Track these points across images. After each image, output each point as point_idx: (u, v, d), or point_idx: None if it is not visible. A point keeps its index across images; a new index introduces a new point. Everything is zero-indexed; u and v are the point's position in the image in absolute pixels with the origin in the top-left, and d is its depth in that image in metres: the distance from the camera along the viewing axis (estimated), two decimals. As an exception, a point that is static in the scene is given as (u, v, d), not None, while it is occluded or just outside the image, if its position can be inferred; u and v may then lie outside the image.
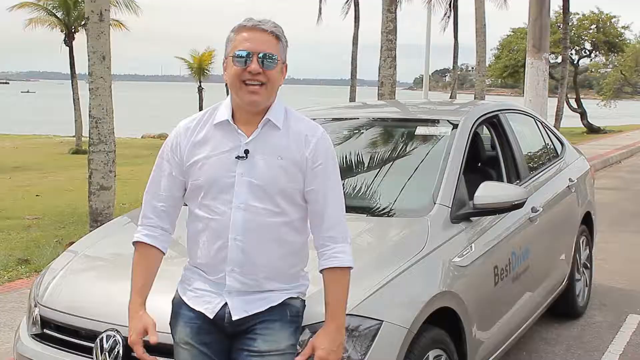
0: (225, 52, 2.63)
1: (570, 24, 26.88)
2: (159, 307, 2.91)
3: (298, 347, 2.69)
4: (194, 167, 2.65)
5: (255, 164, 2.60)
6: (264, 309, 2.64)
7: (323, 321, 2.66)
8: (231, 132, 2.63)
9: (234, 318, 2.62)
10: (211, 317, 2.64)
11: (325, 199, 2.64)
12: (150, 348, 2.94)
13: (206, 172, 2.62)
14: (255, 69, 2.53)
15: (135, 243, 2.75)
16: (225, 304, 2.63)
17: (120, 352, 2.94)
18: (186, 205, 2.76)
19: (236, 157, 2.60)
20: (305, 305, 2.76)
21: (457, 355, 3.50)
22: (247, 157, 2.60)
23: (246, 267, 2.61)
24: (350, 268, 2.64)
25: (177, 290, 2.79)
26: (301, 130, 2.65)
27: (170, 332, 2.76)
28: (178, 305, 2.75)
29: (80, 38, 22.25)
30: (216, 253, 2.62)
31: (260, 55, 2.54)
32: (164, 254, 2.77)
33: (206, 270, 2.68)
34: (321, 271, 2.65)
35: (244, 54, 2.54)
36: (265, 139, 2.63)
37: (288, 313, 2.68)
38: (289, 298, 2.69)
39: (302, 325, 2.76)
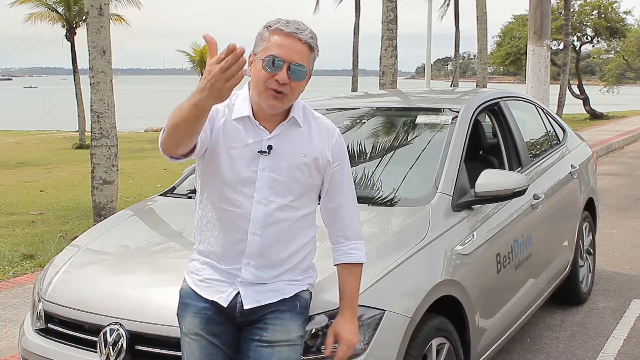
0: (255, 48, 2.56)
1: (571, 10, 26.79)
2: (165, 300, 2.93)
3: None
4: (216, 154, 2.59)
5: (277, 160, 2.60)
6: (275, 301, 2.67)
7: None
8: (252, 127, 2.61)
9: (246, 307, 2.64)
10: (225, 305, 2.64)
11: (341, 199, 2.76)
12: (157, 342, 2.96)
13: (227, 164, 2.59)
14: (283, 79, 2.48)
15: None
16: (238, 293, 2.65)
17: (124, 345, 2.95)
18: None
19: (258, 152, 2.59)
20: (312, 297, 2.80)
21: (460, 343, 3.51)
22: (269, 153, 2.60)
23: (262, 261, 2.64)
24: (362, 263, 2.79)
25: (184, 281, 2.79)
26: (322, 129, 2.71)
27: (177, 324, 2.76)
28: (187, 295, 2.74)
29: (82, 33, 22.17)
30: (233, 245, 2.63)
31: (291, 65, 2.49)
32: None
33: (219, 260, 2.68)
34: (335, 265, 2.78)
35: (274, 60, 2.48)
36: (288, 135, 2.63)
37: (298, 304, 2.71)
38: (299, 291, 2.72)
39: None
